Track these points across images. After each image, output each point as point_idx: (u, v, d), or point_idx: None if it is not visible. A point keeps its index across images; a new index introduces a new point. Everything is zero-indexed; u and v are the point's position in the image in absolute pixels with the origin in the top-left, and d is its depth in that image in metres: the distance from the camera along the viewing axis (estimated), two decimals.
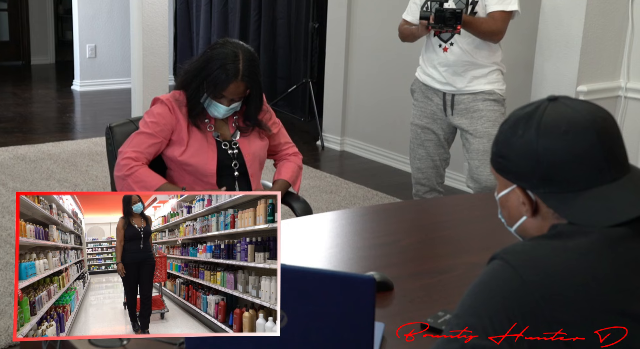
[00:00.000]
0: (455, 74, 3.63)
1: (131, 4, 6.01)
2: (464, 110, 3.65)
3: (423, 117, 3.77)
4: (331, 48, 6.15)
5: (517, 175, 1.30)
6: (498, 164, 1.34)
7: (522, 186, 1.30)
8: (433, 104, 3.73)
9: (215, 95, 2.61)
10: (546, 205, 1.28)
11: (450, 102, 3.67)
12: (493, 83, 3.64)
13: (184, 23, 8.58)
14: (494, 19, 3.50)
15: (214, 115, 2.67)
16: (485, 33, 3.51)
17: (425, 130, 3.77)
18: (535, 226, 1.32)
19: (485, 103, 3.61)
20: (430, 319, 1.71)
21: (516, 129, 1.30)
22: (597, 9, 3.90)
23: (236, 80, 2.57)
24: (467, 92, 3.63)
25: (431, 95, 3.73)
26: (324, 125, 6.33)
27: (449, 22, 3.36)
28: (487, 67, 3.62)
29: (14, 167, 5.33)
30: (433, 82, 3.70)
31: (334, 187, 5.15)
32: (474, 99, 3.63)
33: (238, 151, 2.71)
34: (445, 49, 3.63)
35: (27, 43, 9.91)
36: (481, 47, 3.59)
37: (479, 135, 3.62)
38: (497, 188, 1.38)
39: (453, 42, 3.61)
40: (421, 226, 2.51)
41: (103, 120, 6.62)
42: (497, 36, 3.54)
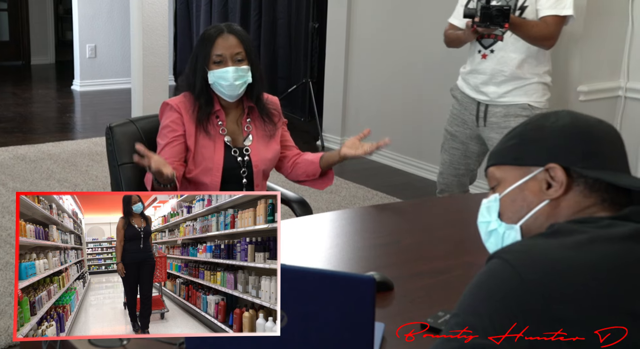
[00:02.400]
0: (491, 84, 3.44)
1: (131, 4, 6.01)
2: (494, 124, 3.47)
3: (454, 124, 3.63)
4: (331, 48, 6.15)
5: (552, 154, 1.29)
6: (520, 152, 1.33)
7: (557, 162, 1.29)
8: (467, 113, 3.57)
9: (211, 60, 2.57)
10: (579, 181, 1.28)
11: (483, 113, 3.49)
12: (531, 95, 3.43)
13: (184, 23, 8.58)
14: (547, 23, 3.27)
15: (225, 89, 2.58)
16: (536, 38, 3.28)
17: (454, 138, 3.63)
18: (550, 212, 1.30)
19: (517, 119, 3.35)
20: (430, 319, 1.71)
21: (548, 117, 1.33)
22: (597, 9, 3.90)
23: (222, 33, 2.57)
24: (500, 104, 3.45)
25: (466, 103, 3.56)
26: (324, 125, 6.33)
27: (496, 19, 3.11)
28: (526, 80, 3.41)
29: (14, 167, 5.33)
30: (468, 90, 3.54)
31: (334, 187, 5.15)
32: (506, 114, 3.44)
33: (249, 158, 2.65)
34: (484, 56, 3.44)
35: (27, 43, 9.91)
36: (524, 56, 3.38)
37: None
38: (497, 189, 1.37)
39: (494, 49, 3.41)
40: (421, 226, 2.50)
41: (103, 120, 6.62)
42: (548, 41, 3.32)
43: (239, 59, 2.58)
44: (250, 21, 7.52)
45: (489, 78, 3.44)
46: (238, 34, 2.60)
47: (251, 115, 2.69)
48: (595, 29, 3.92)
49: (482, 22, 3.14)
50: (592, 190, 1.28)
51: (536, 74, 3.42)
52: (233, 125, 2.68)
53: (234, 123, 2.68)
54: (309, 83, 6.62)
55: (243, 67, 2.58)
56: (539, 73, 3.43)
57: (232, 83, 2.57)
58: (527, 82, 3.41)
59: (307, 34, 6.79)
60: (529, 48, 3.35)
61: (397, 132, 5.64)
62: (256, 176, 2.65)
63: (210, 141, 2.61)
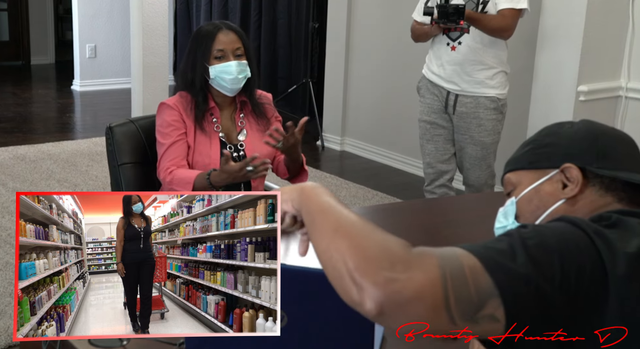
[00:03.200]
0: (462, 73, 3.67)
1: (131, 4, 6.01)
2: (464, 114, 3.72)
3: (430, 113, 3.82)
4: (331, 48, 6.15)
5: (567, 155, 1.31)
6: (535, 156, 1.35)
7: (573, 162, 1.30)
8: (437, 101, 3.79)
9: (211, 55, 2.60)
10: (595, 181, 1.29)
11: (453, 102, 3.73)
12: (496, 88, 3.69)
13: (184, 23, 8.58)
14: (504, 16, 3.55)
15: (227, 83, 2.61)
16: (494, 29, 3.55)
17: (434, 125, 3.82)
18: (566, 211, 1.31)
19: (486, 111, 3.68)
20: None
21: (562, 125, 1.36)
22: (597, 9, 3.90)
23: (221, 30, 2.62)
24: (470, 95, 3.69)
25: (437, 92, 3.78)
26: (324, 125, 6.33)
27: (452, 17, 3.43)
28: (493, 68, 3.66)
29: (14, 167, 5.33)
30: (439, 80, 3.75)
31: (334, 187, 5.15)
32: (476, 106, 3.69)
33: (244, 153, 2.68)
34: (453, 48, 3.68)
35: (27, 43, 9.91)
36: (488, 46, 3.63)
37: (474, 142, 3.74)
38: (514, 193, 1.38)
39: (461, 41, 3.65)
40: (421, 227, 2.51)
41: (103, 120, 6.62)
42: (506, 33, 3.59)
43: (238, 54, 2.63)
44: (250, 21, 7.52)
45: (459, 68, 3.67)
46: (236, 30, 2.67)
47: (244, 110, 2.72)
48: (596, 29, 3.92)
49: (440, 19, 3.48)
50: (609, 189, 1.29)
51: (501, 62, 3.68)
52: (227, 121, 2.71)
53: (228, 120, 2.71)
54: (309, 83, 6.63)
55: (243, 61, 2.63)
56: (503, 62, 3.70)
57: (235, 76, 2.61)
58: (496, 71, 3.67)
59: (307, 34, 6.79)
60: (491, 39, 3.62)
61: (397, 132, 5.64)
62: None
63: (206, 138, 2.64)
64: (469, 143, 3.75)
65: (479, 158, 3.77)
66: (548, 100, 4.05)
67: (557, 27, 3.98)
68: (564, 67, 3.97)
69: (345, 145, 6.18)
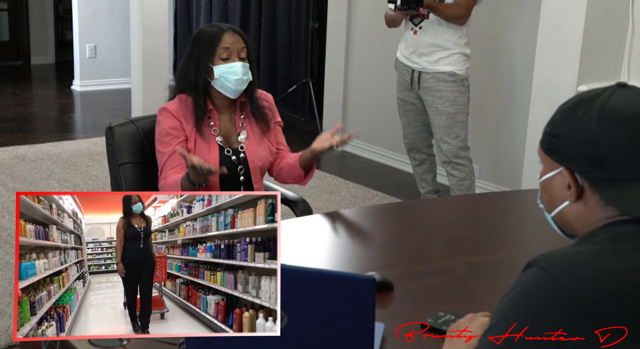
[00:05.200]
0: (422, 55, 4.13)
1: (131, 4, 6.01)
2: (427, 88, 4.15)
3: (400, 90, 4.34)
4: (331, 48, 6.15)
5: (568, 156, 1.25)
6: (549, 144, 1.29)
7: (570, 169, 1.25)
8: (405, 79, 4.28)
9: (217, 55, 2.59)
10: (593, 190, 1.23)
11: (417, 79, 4.18)
12: (454, 64, 4.10)
13: (184, 23, 8.57)
14: (459, 5, 4.00)
15: (231, 84, 2.59)
16: (450, 17, 4.01)
17: (404, 102, 4.34)
18: (576, 213, 1.27)
19: (446, 84, 4.09)
20: (431, 319, 1.71)
21: (576, 110, 1.26)
22: (597, 9, 3.90)
23: (227, 31, 2.62)
24: (430, 71, 4.12)
25: (404, 71, 4.27)
26: (324, 125, 6.33)
27: (412, 4, 3.89)
28: (449, 50, 4.08)
29: (14, 167, 5.33)
30: (404, 60, 4.24)
31: (334, 187, 5.15)
32: (436, 80, 4.11)
33: (244, 156, 2.66)
34: (415, 32, 4.15)
35: (27, 43, 9.90)
36: (445, 31, 4.06)
37: (439, 113, 4.14)
38: (541, 171, 1.33)
39: (422, 26, 4.12)
40: (421, 226, 2.50)
41: (103, 120, 6.62)
42: (461, 19, 4.03)
43: (242, 56, 2.63)
44: (250, 21, 7.52)
45: (419, 49, 4.13)
46: (240, 32, 2.66)
47: (244, 111, 2.71)
48: (596, 29, 3.92)
49: (402, 6, 3.93)
50: (608, 202, 1.23)
51: (458, 45, 4.09)
52: (226, 124, 2.69)
53: (226, 123, 2.69)
54: (309, 83, 6.62)
55: (247, 63, 2.63)
56: (460, 45, 4.10)
57: (241, 77, 2.60)
58: (451, 52, 4.08)
59: (307, 34, 6.78)
60: (449, 24, 4.06)
61: (398, 132, 5.64)
62: (253, 173, 2.66)
63: (205, 143, 2.62)
64: (435, 114, 4.16)
65: (446, 127, 4.15)
66: (548, 100, 4.05)
67: (556, 27, 3.98)
68: (564, 67, 3.97)
69: (345, 145, 6.18)
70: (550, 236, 2.63)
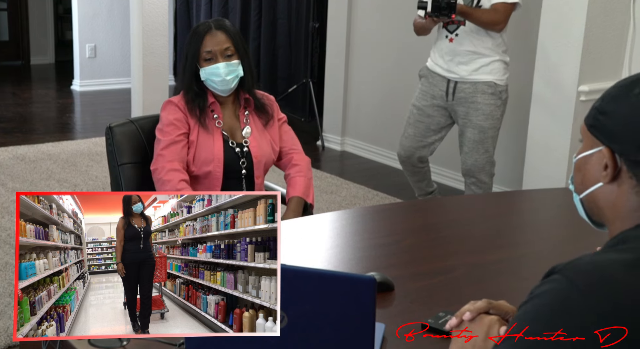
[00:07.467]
0: (460, 63, 3.91)
1: (131, 4, 6.01)
2: (463, 99, 3.95)
3: (422, 99, 4.08)
4: (331, 48, 6.15)
5: (613, 135, 1.19)
6: (595, 120, 1.23)
7: (612, 147, 1.19)
8: (437, 89, 4.02)
9: (201, 57, 2.63)
10: (631, 174, 1.18)
11: (452, 89, 3.96)
12: (495, 73, 3.90)
13: (184, 23, 8.57)
14: (496, 10, 3.77)
15: (217, 85, 2.64)
16: (487, 23, 3.78)
17: (421, 112, 4.09)
18: (608, 198, 1.22)
19: (483, 96, 3.90)
20: (431, 319, 1.71)
21: (633, 87, 1.20)
22: (598, 9, 3.90)
23: (210, 31, 2.63)
24: (468, 81, 3.92)
25: (436, 81, 4.02)
26: (325, 125, 6.33)
27: (444, 11, 3.65)
28: (488, 57, 3.88)
29: (13, 167, 5.33)
30: (439, 70, 3.99)
31: (335, 187, 5.15)
32: (474, 90, 3.91)
33: (247, 150, 2.69)
34: (450, 40, 3.92)
35: (27, 43, 9.91)
36: (483, 38, 3.85)
37: (472, 126, 3.95)
38: (579, 149, 1.28)
39: (458, 33, 3.89)
40: (422, 227, 2.50)
41: (103, 120, 6.62)
42: (498, 26, 3.79)
43: (228, 54, 2.65)
44: (250, 21, 7.52)
45: (457, 58, 3.92)
46: (225, 29, 2.67)
47: (248, 107, 2.74)
48: (596, 28, 3.92)
49: (433, 13, 3.69)
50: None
51: (497, 53, 3.90)
52: (230, 119, 2.73)
53: (231, 118, 2.73)
54: (309, 83, 6.62)
55: (233, 61, 2.65)
56: (499, 52, 3.91)
57: (223, 78, 2.64)
58: (490, 60, 3.89)
59: (307, 34, 6.78)
60: (486, 31, 3.84)
61: (398, 132, 5.63)
62: (256, 167, 2.70)
63: (208, 134, 2.66)
64: (467, 126, 3.96)
65: (477, 141, 3.96)
66: (548, 100, 4.05)
67: (557, 26, 3.98)
68: (565, 66, 3.97)
69: (345, 145, 6.18)
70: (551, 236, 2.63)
